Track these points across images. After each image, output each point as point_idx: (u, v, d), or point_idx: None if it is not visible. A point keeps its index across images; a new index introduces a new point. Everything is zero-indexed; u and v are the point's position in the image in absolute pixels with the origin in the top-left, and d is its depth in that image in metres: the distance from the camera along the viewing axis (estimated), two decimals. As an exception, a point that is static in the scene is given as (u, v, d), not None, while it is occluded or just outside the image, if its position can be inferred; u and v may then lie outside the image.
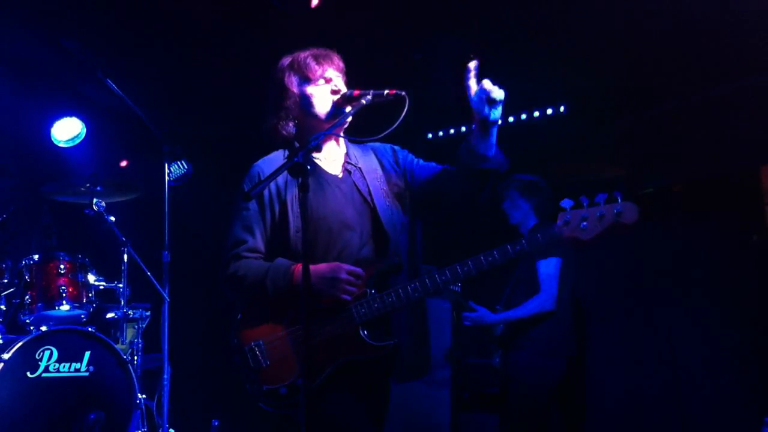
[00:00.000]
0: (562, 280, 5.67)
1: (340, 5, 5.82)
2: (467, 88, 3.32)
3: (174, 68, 7.01)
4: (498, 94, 3.27)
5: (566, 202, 3.26)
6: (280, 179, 3.49)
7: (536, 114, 7.71)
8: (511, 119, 7.76)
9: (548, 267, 5.65)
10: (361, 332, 3.33)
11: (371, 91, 3.41)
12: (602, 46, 6.50)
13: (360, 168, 3.62)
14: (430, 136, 8.40)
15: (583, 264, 5.92)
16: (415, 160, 3.75)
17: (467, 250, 3.50)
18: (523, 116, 7.74)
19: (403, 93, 3.34)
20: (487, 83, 3.28)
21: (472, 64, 3.34)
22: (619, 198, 3.17)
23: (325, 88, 3.56)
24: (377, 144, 3.77)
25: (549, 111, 7.67)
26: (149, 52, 6.70)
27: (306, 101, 3.57)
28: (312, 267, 3.28)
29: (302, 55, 3.62)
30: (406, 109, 3.31)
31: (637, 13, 5.90)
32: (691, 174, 7.32)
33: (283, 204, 3.48)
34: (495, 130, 3.37)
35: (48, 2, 5.84)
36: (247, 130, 7.32)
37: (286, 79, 3.60)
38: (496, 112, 3.30)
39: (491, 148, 3.38)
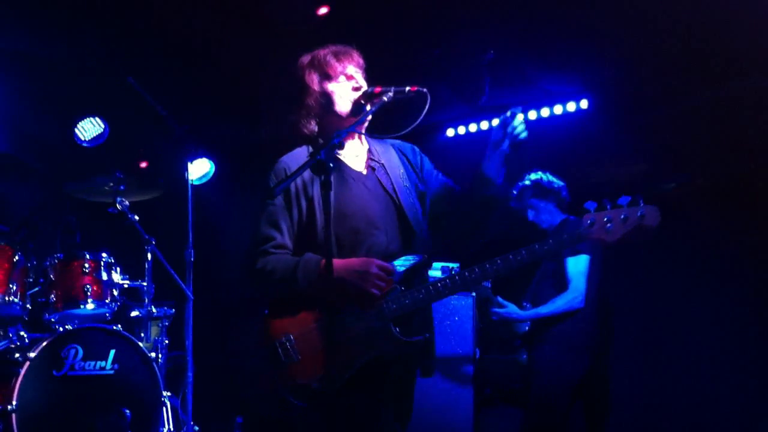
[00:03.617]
0: (590, 278, 5.65)
1: (360, 2, 5.82)
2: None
3: (197, 68, 7.04)
4: (521, 131, 3.45)
5: (590, 204, 3.31)
6: (306, 175, 3.48)
7: (558, 110, 7.70)
8: (533, 115, 7.75)
9: (577, 264, 5.63)
10: (392, 328, 3.31)
11: (392, 88, 3.41)
12: (625, 40, 6.47)
13: (383, 164, 3.61)
14: (450, 132, 8.39)
15: (607, 260, 5.89)
16: (435, 171, 3.77)
17: (491, 248, 3.51)
18: (545, 112, 7.73)
19: (425, 90, 3.35)
20: (518, 117, 3.45)
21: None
22: (641, 201, 3.21)
23: (347, 86, 3.56)
24: (397, 141, 3.76)
25: (571, 107, 7.66)
26: (174, 53, 6.73)
27: (327, 99, 3.57)
28: (343, 261, 3.30)
29: (322, 52, 3.62)
30: (427, 106, 3.32)
31: (662, 6, 5.86)
32: (716, 170, 7.27)
33: (309, 200, 3.47)
34: (503, 159, 3.50)
35: (70, 3, 5.87)
36: (268, 128, 7.38)
37: (306, 77, 3.60)
38: (510, 147, 3.48)
39: (500, 176, 3.50)
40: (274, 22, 6.08)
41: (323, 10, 5.73)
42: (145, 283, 5.89)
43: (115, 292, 5.78)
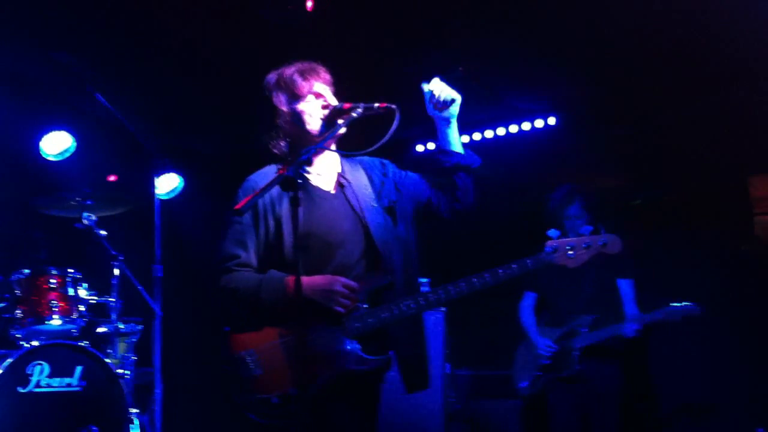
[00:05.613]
0: None
1: (331, 19, 5.83)
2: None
3: (165, 81, 7.01)
4: (445, 93, 3.47)
5: (553, 232, 3.56)
6: (275, 193, 3.47)
7: (527, 126, 7.74)
8: (501, 131, 7.79)
9: (629, 287, 5.87)
10: (354, 346, 3.33)
11: (361, 105, 3.41)
12: (592, 58, 6.53)
13: (351, 183, 3.61)
14: (420, 148, 8.42)
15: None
16: (403, 172, 3.77)
17: (462, 261, 3.52)
18: (514, 128, 7.77)
19: (393, 106, 3.35)
20: (434, 82, 3.48)
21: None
22: (602, 230, 3.38)
23: (316, 104, 3.55)
24: (365, 158, 3.76)
25: (539, 123, 7.71)
26: (140, 66, 6.70)
27: (297, 118, 3.55)
28: (308, 278, 3.29)
29: (288, 72, 3.60)
30: (396, 122, 3.32)
31: (627, 26, 5.93)
32: (682, 185, 7.35)
33: (277, 218, 3.46)
34: (454, 127, 3.59)
35: (38, 16, 5.84)
36: (238, 142, 7.37)
37: (274, 98, 3.59)
38: (448, 112, 3.50)
39: (457, 145, 3.60)
40: (255, 34, 6.08)
41: (309, 3, 5.72)
42: (112, 299, 5.83)
43: (82, 308, 5.74)
